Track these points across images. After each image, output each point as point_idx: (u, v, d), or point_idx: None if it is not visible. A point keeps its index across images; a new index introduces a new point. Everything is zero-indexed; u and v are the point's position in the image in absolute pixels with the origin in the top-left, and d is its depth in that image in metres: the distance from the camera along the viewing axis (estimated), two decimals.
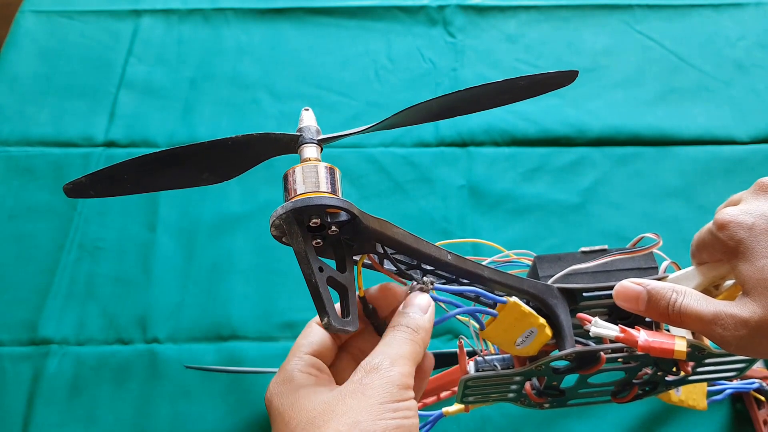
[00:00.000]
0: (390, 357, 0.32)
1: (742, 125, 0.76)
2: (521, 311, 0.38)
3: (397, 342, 0.33)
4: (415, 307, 0.35)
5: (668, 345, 0.36)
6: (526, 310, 0.39)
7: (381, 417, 0.30)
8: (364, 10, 0.88)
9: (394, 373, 0.31)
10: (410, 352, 0.33)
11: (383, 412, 0.30)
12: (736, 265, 0.35)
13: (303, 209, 0.30)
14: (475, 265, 0.38)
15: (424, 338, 0.34)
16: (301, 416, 0.31)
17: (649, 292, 0.36)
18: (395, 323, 0.34)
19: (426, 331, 0.34)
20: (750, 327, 0.33)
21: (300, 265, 0.31)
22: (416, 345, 0.33)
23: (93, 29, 0.87)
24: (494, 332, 0.39)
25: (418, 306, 0.35)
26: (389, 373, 0.31)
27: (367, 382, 0.31)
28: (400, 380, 0.31)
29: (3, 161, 0.76)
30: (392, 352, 0.33)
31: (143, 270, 0.68)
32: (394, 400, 0.31)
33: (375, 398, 0.30)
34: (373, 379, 0.31)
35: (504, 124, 0.77)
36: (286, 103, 0.80)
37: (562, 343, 0.40)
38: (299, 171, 0.31)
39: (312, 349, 0.35)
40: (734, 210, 0.36)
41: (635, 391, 0.46)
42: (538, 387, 0.45)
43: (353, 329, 0.32)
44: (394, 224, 0.34)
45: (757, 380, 0.55)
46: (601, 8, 0.87)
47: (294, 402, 0.32)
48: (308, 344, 0.36)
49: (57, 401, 0.61)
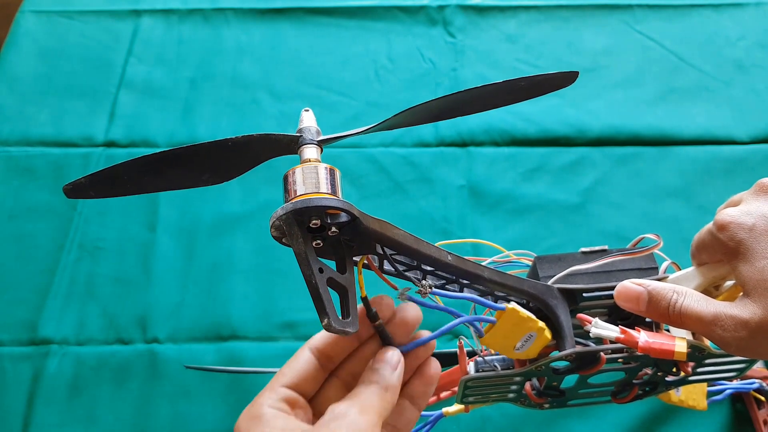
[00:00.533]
0: (358, 406, 0.32)
1: (742, 125, 0.76)
2: (519, 317, 0.38)
3: (366, 395, 0.33)
4: (385, 364, 0.35)
5: (668, 346, 0.36)
6: (525, 315, 0.38)
7: None
8: (364, 10, 0.88)
9: (361, 421, 0.31)
10: (379, 407, 0.33)
11: None
12: (737, 265, 0.34)
13: (303, 210, 0.30)
14: (475, 265, 0.38)
15: (393, 396, 0.34)
16: None
17: (650, 292, 0.36)
18: (365, 379, 0.34)
19: (395, 390, 0.34)
20: (750, 328, 0.33)
21: (300, 266, 0.31)
22: (385, 402, 0.33)
23: (93, 29, 0.87)
24: (493, 339, 0.39)
25: (388, 363, 0.35)
26: (356, 420, 0.31)
27: (333, 427, 0.31)
28: (367, 429, 0.31)
29: (3, 161, 0.76)
30: (361, 402, 0.33)
31: (143, 270, 0.68)
32: None
33: None
34: (339, 425, 0.31)
35: (504, 124, 0.77)
36: (286, 103, 0.80)
37: (562, 344, 0.40)
38: (299, 172, 0.31)
39: (291, 381, 0.35)
40: (734, 211, 0.36)
41: (635, 392, 0.46)
42: (538, 387, 0.45)
43: (353, 330, 0.32)
44: (395, 225, 0.34)
45: (757, 380, 0.55)
46: (601, 8, 0.87)
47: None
48: (289, 374, 0.35)
49: (57, 401, 0.61)
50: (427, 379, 0.37)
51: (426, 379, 0.37)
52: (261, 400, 0.34)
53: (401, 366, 0.35)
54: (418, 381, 0.37)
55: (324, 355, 0.36)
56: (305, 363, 0.36)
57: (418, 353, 0.37)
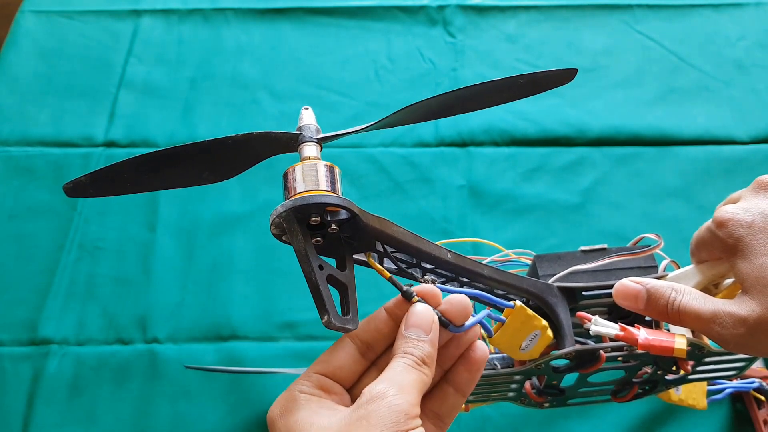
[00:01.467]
0: (397, 385, 0.31)
1: (742, 125, 0.76)
2: (527, 314, 0.38)
3: (402, 369, 0.32)
4: (416, 329, 0.33)
5: (668, 343, 0.36)
6: (531, 312, 0.38)
7: None
8: (364, 10, 0.88)
9: (401, 401, 0.30)
10: (416, 380, 0.31)
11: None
12: (735, 262, 0.35)
13: (303, 207, 0.30)
14: (474, 263, 0.38)
15: (432, 366, 0.32)
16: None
17: (649, 290, 0.36)
18: (398, 349, 0.33)
19: (431, 357, 0.32)
20: (748, 325, 0.33)
21: (300, 264, 0.31)
22: (423, 375, 0.32)
23: (93, 29, 0.87)
24: (502, 338, 0.39)
25: (419, 327, 0.33)
26: (396, 401, 0.30)
27: (371, 410, 0.30)
28: (408, 409, 0.30)
29: (3, 161, 0.76)
30: (398, 379, 0.31)
31: (143, 270, 0.68)
32: (401, 429, 0.29)
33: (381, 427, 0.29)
34: (378, 407, 0.30)
35: (504, 124, 0.77)
36: (286, 103, 0.80)
37: (561, 342, 0.40)
38: (299, 169, 0.31)
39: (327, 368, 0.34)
40: (733, 208, 0.36)
41: (635, 390, 0.46)
42: (538, 386, 0.45)
43: (353, 327, 0.32)
44: (394, 222, 0.34)
45: (756, 379, 0.55)
46: (601, 8, 0.87)
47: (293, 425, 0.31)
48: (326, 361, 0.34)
49: (57, 401, 0.61)
50: (473, 364, 0.35)
51: (471, 365, 0.35)
52: (295, 386, 0.33)
53: (435, 326, 0.33)
54: (462, 367, 0.35)
55: (364, 343, 0.35)
56: (344, 351, 0.34)
57: (460, 340, 0.35)
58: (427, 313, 0.33)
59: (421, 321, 0.33)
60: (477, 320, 0.34)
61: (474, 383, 0.35)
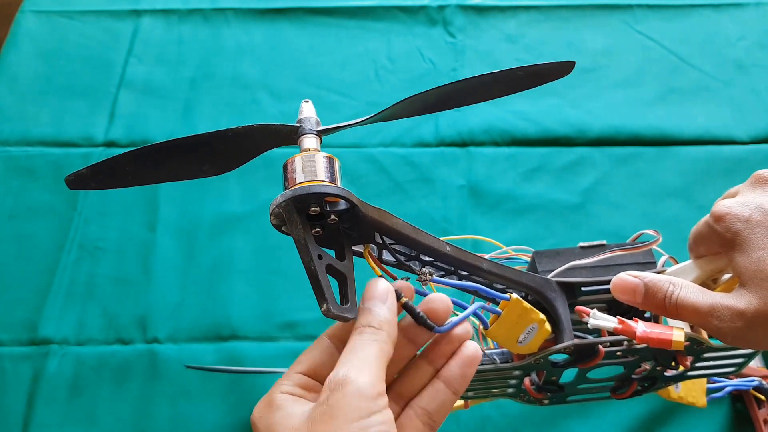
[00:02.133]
0: (355, 366, 0.30)
1: (742, 125, 0.76)
2: (523, 307, 0.38)
3: (360, 346, 0.31)
4: (373, 300, 0.32)
5: (666, 336, 0.36)
6: (528, 305, 0.39)
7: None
8: (364, 10, 0.88)
9: (361, 383, 0.29)
10: (377, 354, 0.31)
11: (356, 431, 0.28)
12: (733, 256, 0.35)
13: (302, 197, 0.30)
14: (474, 257, 0.38)
15: (390, 333, 0.32)
16: None
17: (646, 284, 0.36)
18: (357, 324, 0.32)
19: (389, 324, 0.32)
20: (746, 318, 0.33)
21: (299, 253, 0.31)
22: (382, 343, 0.31)
23: (93, 29, 0.87)
24: (499, 330, 0.39)
25: (376, 298, 0.32)
26: (356, 386, 0.29)
27: (332, 402, 0.29)
28: (369, 390, 0.29)
29: (3, 161, 0.76)
30: (357, 359, 0.31)
31: (143, 270, 0.68)
32: (364, 416, 0.29)
33: (342, 418, 0.29)
34: (338, 398, 0.29)
35: (504, 124, 0.77)
36: (286, 103, 0.80)
37: (560, 337, 0.40)
38: (298, 160, 0.32)
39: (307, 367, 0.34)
40: (731, 202, 0.36)
41: (634, 387, 0.46)
42: (537, 382, 0.45)
43: (352, 316, 0.32)
44: (393, 214, 0.34)
45: (756, 378, 0.55)
46: (601, 8, 0.87)
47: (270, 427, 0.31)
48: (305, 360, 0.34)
49: (57, 401, 0.61)
50: (464, 360, 0.34)
51: (462, 360, 0.34)
52: (276, 387, 0.33)
53: (392, 296, 0.33)
54: (455, 364, 0.35)
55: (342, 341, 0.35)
56: (322, 349, 0.35)
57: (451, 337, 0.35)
58: (382, 284, 0.33)
59: (376, 292, 0.33)
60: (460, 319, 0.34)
61: (466, 381, 0.35)
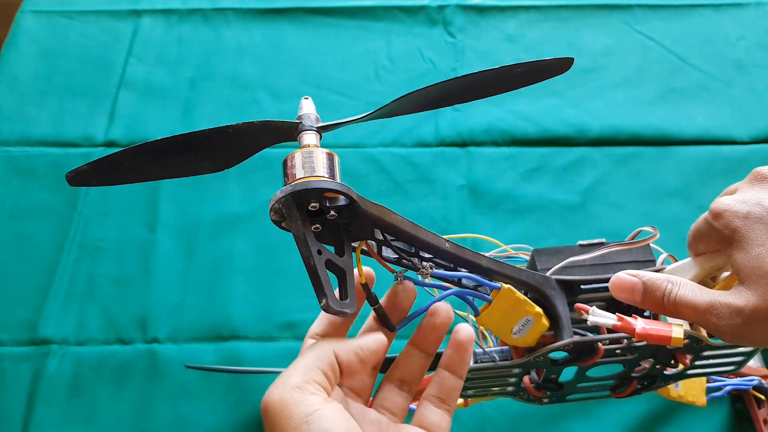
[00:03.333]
0: None
1: (742, 125, 0.76)
2: (516, 298, 0.39)
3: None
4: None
5: (665, 332, 0.36)
6: (522, 297, 0.39)
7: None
8: (364, 10, 0.88)
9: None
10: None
11: None
12: (732, 253, 0.35)
13: (302, 192, 0.30)
14: (473, 254, 0.38)
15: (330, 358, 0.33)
16: None
17: (645, 282, 0.36)
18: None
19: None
20: (744, 315, 0.33)
21: (299, 249, 0.31)
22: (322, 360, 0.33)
23: (93, 29, 0.87)
24: (489, 318, 0.39)
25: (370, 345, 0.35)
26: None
27: None
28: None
29: (3, 161, 0.76)
30: None
31: (143, 270, 0.68)
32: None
33: None
34: None
35: (504, 124, 0.77)
36: (286, 103, 0.80)
37: (560, 335, 0.40)
38: (298, 156, 0.32)
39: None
40: (729, 199, 0.36)
41: (634, 386, 0.46)
42: (536, 381, 0.45)
43: (351, 311, 0.32)
44: (393, 210, 0.34)
45: (756, 377, 0.55)
46: (601, 8, 0.87)
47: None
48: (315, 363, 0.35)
49: (57, 401, 0.61)
50: (457, 345, 0.37)
51: (455, 345, 0.37)
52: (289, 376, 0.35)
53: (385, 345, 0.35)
54: (452, 350, 0.37)
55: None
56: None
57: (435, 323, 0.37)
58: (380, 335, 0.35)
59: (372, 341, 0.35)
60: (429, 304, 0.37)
61: (466, 364, 0.37)
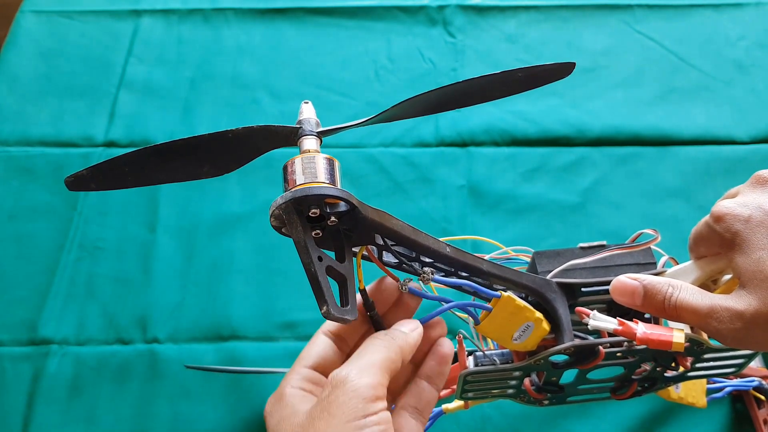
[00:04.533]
0: (358, 367, 0.31)
1: (742, 125, 0.76)
2: (516, 305, 0.38)
3: (371, 350, 0.32)
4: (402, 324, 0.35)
5: (666, 337, 0.36)
6: (521, 304, 0.39)
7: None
8: (364, 10, 0.88)
9: (360, 385, 0.30)
10: (383, 360, 0.32)
11: (350, 430, 0.29)
12: (733, 257, 0.35)
13: (302, 199, 0.30)
14: (474, 258, 0.38)
15: (403, 347, 0.33)
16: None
17: (645, 286, 0.36)
18: (376, 334, 0.34)
19: (406, 342, 0.33)
20: (745, 319, 0.33)
21: (299, 255, 0.31)
22: (390, 352, 0.32)
23: (93, 29, 0.87)
24: (489, 326, 0.39)
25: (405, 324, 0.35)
26: (355, 386, 0.30)
27: (332, 400, 0.30)
28: (367, 393, 0.30)
29: (3, 161, 0.76)
30: (362, 361, 0.31)
31: (143, 270, 0.68)
32: (360, 416, 0.29)
33: (340, 417, 0.29)
34: (338, 396, 0.30)
35: (504, 124, 0.77)
36: (286, 103, 0.80)
37: (561, 338, 0.40)
38: (298, 162, 0.32)
39: (312, 362, 0.35)
40: (731, 202, 0.36)
41: (634, 388, 0.46)
42: (537, 383, 0.45)
43: (352, 318, 0.32)
44: (393, 216, 0.34)
45: (756, 378, 0.55)
46: (601, 8, 0.87)
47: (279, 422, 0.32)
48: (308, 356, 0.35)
49: (57, 401, 0.61)
50: (440, 358, 0.37)
51: (438, 358, 0.37)
52: (284, 382, 0.34)
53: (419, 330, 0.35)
54: (431, 360, 0.37)
55: (338, 337, 0.36)
56: (322, 345, 0.36)
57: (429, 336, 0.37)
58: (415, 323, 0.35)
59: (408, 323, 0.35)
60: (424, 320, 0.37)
61: (444, 376, 0.37)
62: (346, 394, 0.30)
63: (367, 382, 0.30)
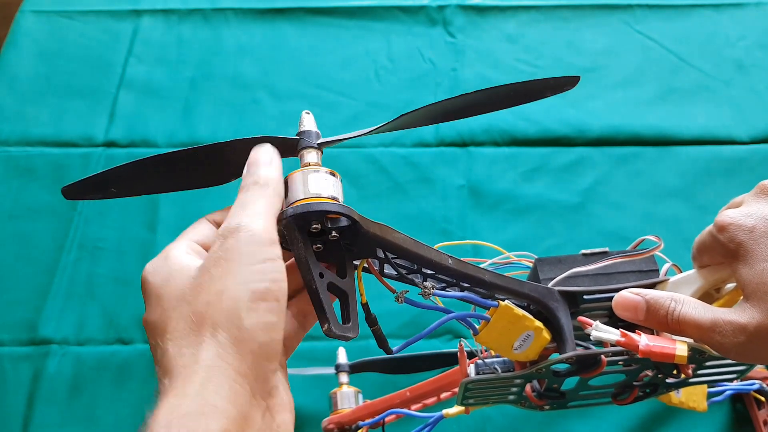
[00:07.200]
0: (248, 215, 0.30)
1: (742, 125, 0.76)
2: (514, 314, 0.38)
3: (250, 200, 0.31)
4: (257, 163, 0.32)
5: (669, 350, 0.36)
6: (519, 312, 0.38)
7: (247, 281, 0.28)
8: (364, 10, 0.88)
9: (254, 229, 0.29)
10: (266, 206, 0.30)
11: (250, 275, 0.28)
12: (737, 267, 0.34)
13: (303, 215, 0.30)
14: (475, 269, 0.38)
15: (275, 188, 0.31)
16: (173, 292, 0.30)
17: (648, 301, 0.36)
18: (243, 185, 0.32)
19: (276, 182, 0.32)
20: (748, 333, 0.32)
21: (300, 271, 0.31)
22: (270, 198, 0.31)
23: (93, 29, 0.87)
24: (489, 336, 0.39)
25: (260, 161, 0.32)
26: (251, 231, 0.29)
27: (228, 247, 0.29)
28: (263, 235, 0.29)
29: (3, 161, 0.76)
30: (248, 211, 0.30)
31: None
32: (260, 260, 0.29)
33: (238, 261, 0.28)
34: (233, 243, 0.29)
35: (504, 124, 0.77)
36: (286, 104, 0.80)
37: (562, 347, 0.40)
38: (299, 176, 0.31)
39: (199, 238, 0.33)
40: (735, 212, 0.35)
41: (635, 393, 0.45)
42: (538, 389, 0.45)
43: (353, 335, 0.31)
44: (395, 229, 0.34)
45: (757, 381, 0.55)
46: (601, 8, 0.87)
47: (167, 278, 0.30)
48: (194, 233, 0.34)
49: (57, 401, 0.61)
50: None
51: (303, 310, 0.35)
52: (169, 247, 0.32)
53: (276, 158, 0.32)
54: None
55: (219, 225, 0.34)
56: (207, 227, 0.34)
57: None
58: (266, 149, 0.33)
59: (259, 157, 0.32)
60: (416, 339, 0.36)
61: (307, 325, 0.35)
62: (242, 240, 0.29)
63: (261, 225, 0.29)
